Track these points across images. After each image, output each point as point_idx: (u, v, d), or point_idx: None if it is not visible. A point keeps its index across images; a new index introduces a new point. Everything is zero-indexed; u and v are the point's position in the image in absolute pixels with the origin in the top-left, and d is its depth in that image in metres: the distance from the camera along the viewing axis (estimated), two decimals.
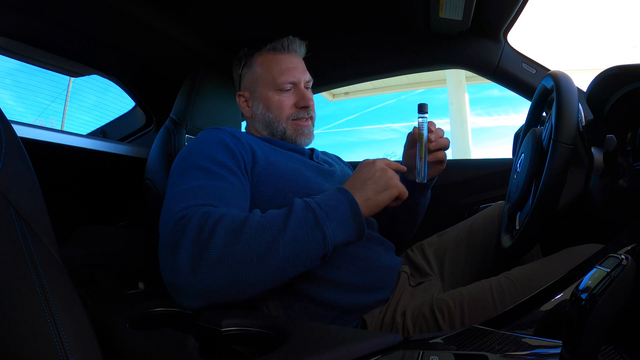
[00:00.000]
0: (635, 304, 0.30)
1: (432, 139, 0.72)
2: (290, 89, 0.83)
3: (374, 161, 0.63)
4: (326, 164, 0.87)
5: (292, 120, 0.83)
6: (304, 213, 0.53)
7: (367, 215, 0.59)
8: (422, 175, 0.72)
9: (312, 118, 0.86)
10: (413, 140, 0.75)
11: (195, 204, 0.55)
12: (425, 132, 0.72)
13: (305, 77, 0.85)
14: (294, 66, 0.83)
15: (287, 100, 0.83)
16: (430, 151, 0.74)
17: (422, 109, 0.72)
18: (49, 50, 1.09)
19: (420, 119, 0.73)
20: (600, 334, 0.28)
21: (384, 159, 0.66)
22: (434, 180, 0.83)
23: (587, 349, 0.28)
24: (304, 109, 0.83)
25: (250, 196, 0.67)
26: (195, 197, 0.56)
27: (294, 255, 0.51)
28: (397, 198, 0.63)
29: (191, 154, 0.66)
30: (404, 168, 0.69)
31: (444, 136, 0.76)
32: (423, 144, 0.72)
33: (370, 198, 0.59)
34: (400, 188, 0.62)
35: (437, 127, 0.74)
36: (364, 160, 0.64)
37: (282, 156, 0.75)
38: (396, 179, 0.62)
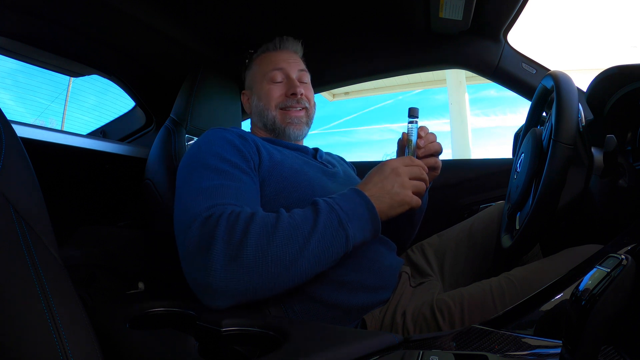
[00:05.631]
0: (635, 304, 0.30)
1: (421, 145, 0.71)
2: (281, 81, 0.86)
3: (397, 171, 0.62)
4: (330, 164, 0.87)
5: (281, 109, 0.85)
6: (329, 214, 0.56)
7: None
8: None
9: (306, 109, 0.87)
10: (403, 146, 0.74)
11: (218, 204, 0.56)
12: (414, 138, 0.70)
13: (297, 67, 0.88)
14: (283, 59, 0.88)
15: (277, 90, 0.86)
16: (420, 157, 0.71)
17: (411, 113, 0.70)
18: (49, 50, 1.09)
19: (409, 124, 0.70)
20: (600, 334, 0.28)
21: (410, 167, 0.64)
22: (427, 185, 0.82)
23: (587, 349, 0.28)
24: (293, 96, 0.84)
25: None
26: (216, 197, 0.57)
27: (321, 255, 0.53)
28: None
29: (201, 152, 0.66)
30: (425, 184, 0.66)
31: (437, 141, 0.74)
32: (411, 151, 0.69)
33: (383, 211, 0.61)
34: (414, 203, 0.63)
35: (429, 131, 0.73)
36: (388, 164, 0.64)
37: (285, 156, 0.76)
38: (408, 192, 0.62)
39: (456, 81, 4.51)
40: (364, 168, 0.85)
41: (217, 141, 0.68)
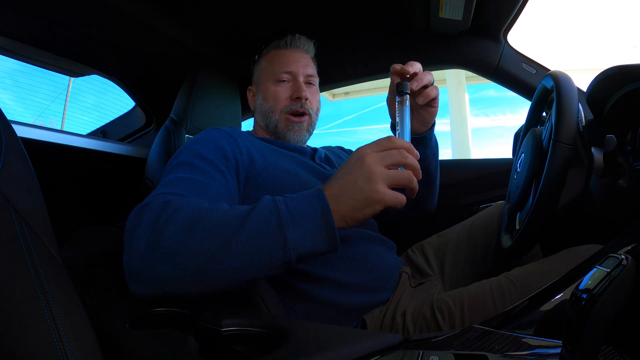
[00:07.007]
0: (635, 304, 0.30)
1: (414, 88, 0.62)
2: (287, 81, 0.84)
3: (362, 160, 0.48)
4: (328, 164, 0.87)
5: (285, 113, 0.83)
6: (268, 213, 0.46)
7: (346, 227, 0.49)
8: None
9: (308, 114, 0.85)
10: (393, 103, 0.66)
11: (165, 193, 0.53)
12: (405, 117, 0.60)
13: (305, 71, 0.86)
14: (293, 60, 0.85)
15: (283, 92, 0.84)
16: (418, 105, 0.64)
17: (400, 87, 0.61)
18: (49, 50, 1.09)
19: (398, 100, 0.61)
20: (600, 334, 0.28)
21: (386, 152, 0.49)
22: (432, 125, 0.75)
23: (587, 349, 0.28)
24: (297, 100, 0.83)
25: (251, 197, 0.67)
26: (169, 187, 0.55)
27: (249, 258, 0.45)
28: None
29: (181, 152, 0.66)
30: (414, 170, 0.50)
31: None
32: (404, 133, 0.60)
33: (345, 214, 0.47)
34: (388, 200, 0.47)
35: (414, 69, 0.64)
36: (357, 151, 0.50)
37: (281, 157, 0.75)
38: (377, 186, 0.47)
39: (456, 81, 4.51)
40: None
41: (201, 140, 0.68)
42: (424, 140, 0.76)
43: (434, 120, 0.74)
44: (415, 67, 0.64)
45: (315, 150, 0.89)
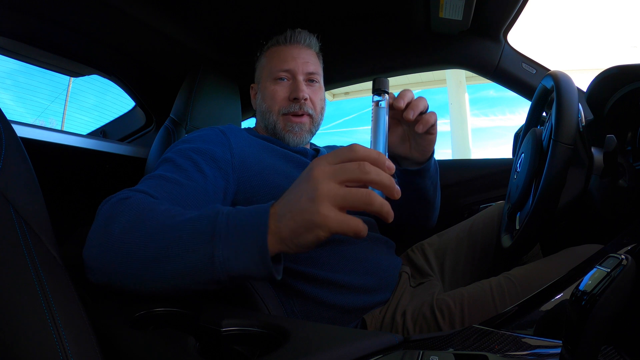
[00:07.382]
0: (635, 304, 0.30)
1: (401, 106, 0.57)
2: (285, 79, 0.80)
3: (310, 174, 0.39)
4: None
5: (283, 114, 0.79)
6: (205, 225, 0.42)
7: (290, 252, 0.40)
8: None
9: (309, 115, 0.80)
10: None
11: (131, 189, 0.52)
12: (381, 121, 0.52)
13: (305, 68, 0.80)
14: (292, 57, 0.80)
15: (281, 91, 0.79)
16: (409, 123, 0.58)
17: (377, 85, 0.52)
18: (49, 50, 1.09)
19: (374, 102, 0.52)
20: (600, 334, 0.28)
21: (341, 166, 0.38)
22: (431, 153, 0.71)
23: (587, 349, 0.28)
24: (295, 101, 0.78)
25: (248, 202, 0.66)
26: (140, 184, 0.55)
27: (180, 270, 0.42)
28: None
29: (170, 149, 0.66)
30: (385, 187, 0.38)
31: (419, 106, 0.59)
32: (379, 142, 0.51)
33: (284, 237, 0.39)
34: (333, 226, 0.37)
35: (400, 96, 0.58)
36: (311, 162, 0.41)
37: (279, 159, 0.73)
38: (321, 207, 0.37)
39: (456, 81, 4.52)
40: None
41: (191, 139, 0.67)
42: (424, 171, 0.73)
43: (433, 149, 0.70)
44: (407, 96, 0.58)
45: (317, 150, 0.86)
